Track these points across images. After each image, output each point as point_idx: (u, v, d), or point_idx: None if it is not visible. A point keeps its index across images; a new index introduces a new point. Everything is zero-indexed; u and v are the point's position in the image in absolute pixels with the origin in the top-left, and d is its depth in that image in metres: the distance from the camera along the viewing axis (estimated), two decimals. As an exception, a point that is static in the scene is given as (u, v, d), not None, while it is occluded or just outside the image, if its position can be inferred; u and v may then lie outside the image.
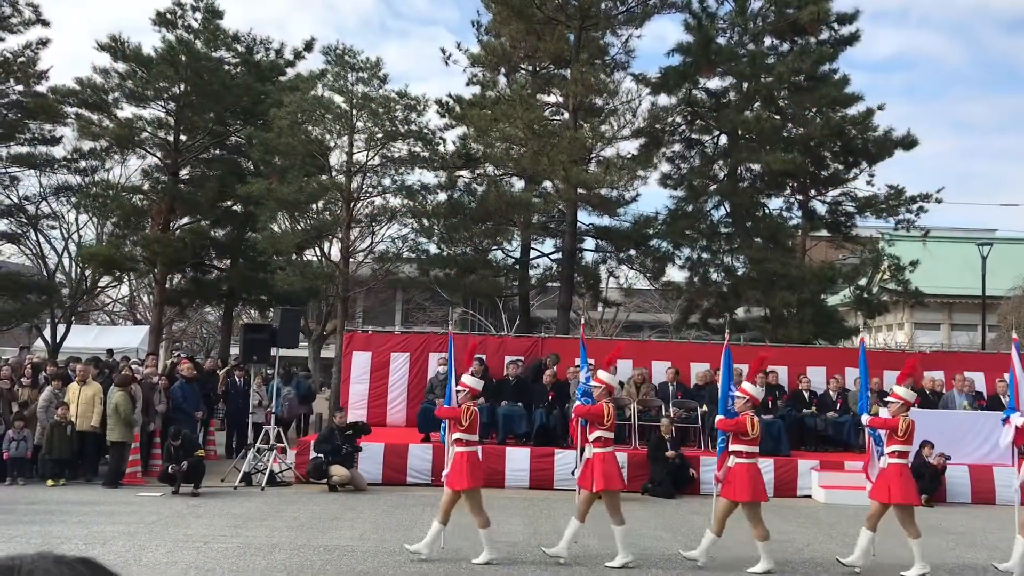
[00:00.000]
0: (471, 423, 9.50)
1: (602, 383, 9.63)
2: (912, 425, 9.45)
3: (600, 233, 24.49)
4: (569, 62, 22.82)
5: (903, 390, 9.69)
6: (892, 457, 9.35)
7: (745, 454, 9.25)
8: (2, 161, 25.64)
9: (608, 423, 9.43)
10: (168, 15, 24.80)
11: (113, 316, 40.97)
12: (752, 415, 9.44)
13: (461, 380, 9.87)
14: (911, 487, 9.34)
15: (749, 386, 9.63)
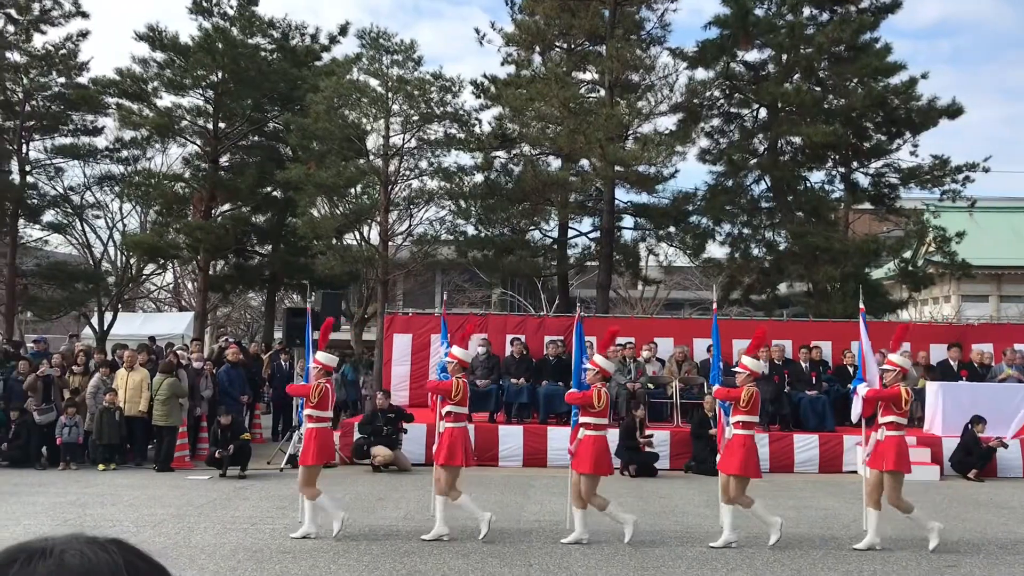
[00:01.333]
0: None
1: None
2: (756, 395, 9.31)
3: (639, 211, 24.32)
4: (604, 38, 22.60)
5: (751, 360, 9.53)
6: (737, 428, 9.27)
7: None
8: (47, 152, 26.10)
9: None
10: (204, 3, 24.98)
11: (158, 303, 41.63)
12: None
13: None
14: (751, 459, 9.20)
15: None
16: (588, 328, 17.42)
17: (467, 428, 9.82)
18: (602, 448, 9.36)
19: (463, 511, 9.41)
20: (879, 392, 9.48)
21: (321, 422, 9.61)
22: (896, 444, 9.09)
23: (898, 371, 9.40)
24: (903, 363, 9.49)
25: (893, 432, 9.14)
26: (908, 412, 9.41)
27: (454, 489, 9.39)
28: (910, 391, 9.37)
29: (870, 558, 8.74)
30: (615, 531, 9.45)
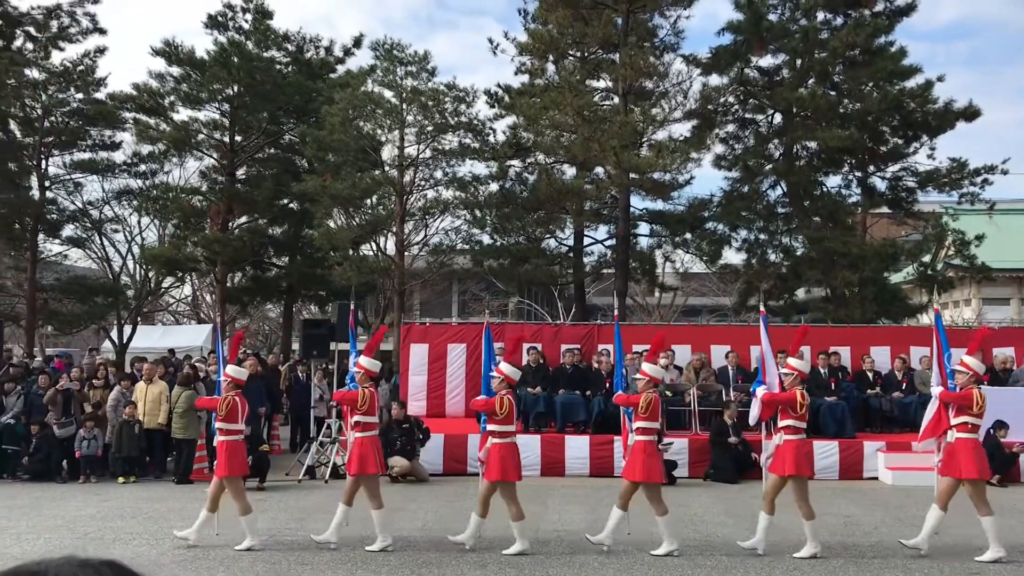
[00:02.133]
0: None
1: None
2: (655, 401, 9.25)
3: (654, 217, 24.28)
4: (618, 46, 22.61)
5: (651, 367, 9.49)
6: (638, 434, 9.25)
7: (969, 427, 8.92)
8: (65, 168, 26.35)
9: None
10: (219, 18, 25.20)
11: (177, 316, 41.87)
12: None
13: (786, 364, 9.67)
14: (653, 464, 9.13)
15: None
16: (607, 336, 17.41)
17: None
18: (509, 454, 9.31)
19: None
20: (775, 395, 9.46)
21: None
22: (795, 448, 9.05)
23: (795, 375, 9.38)
24: (800, 366, 9.48)
25: (791, 436, 9.11)
26: (806, 416, 9.36)
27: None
28: (806, 394, 9.33)
29: (891, 566, 8.66)
30: (635, 540, 9.39)
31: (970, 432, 8.92)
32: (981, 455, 8.93)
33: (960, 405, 8.99)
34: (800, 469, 9.02)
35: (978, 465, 8.78)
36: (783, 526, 9.40)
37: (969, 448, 8.83)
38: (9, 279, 28.49)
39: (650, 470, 9.08)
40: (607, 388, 15.37)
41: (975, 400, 8.88)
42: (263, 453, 13.73)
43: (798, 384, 9.28)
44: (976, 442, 8.97)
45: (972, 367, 9.13)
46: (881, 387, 16.16)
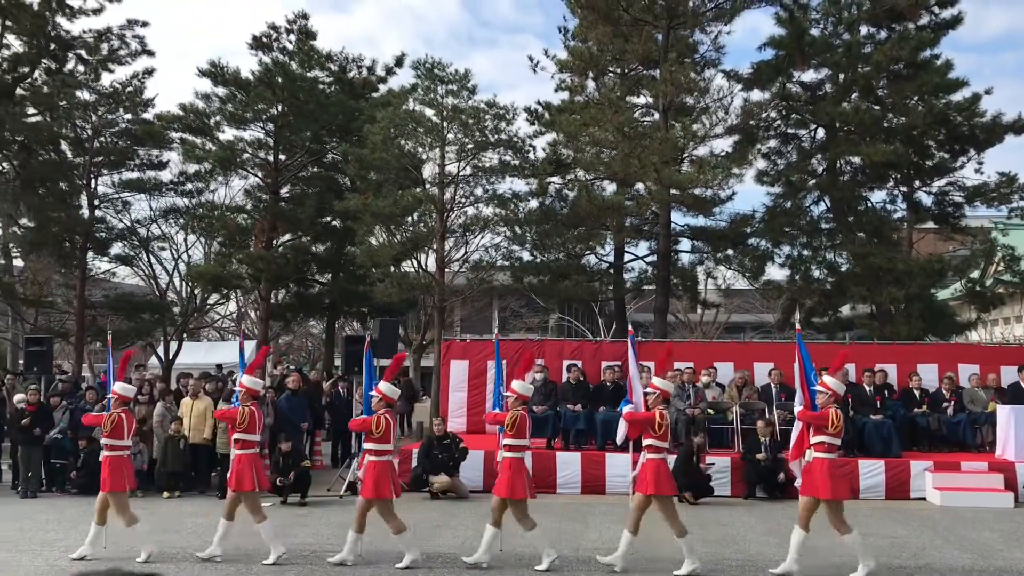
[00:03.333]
0: None
1: (828, 388, 9.24)
2: (521, 418, 9.37)
3: (696, 234, 24.14)
4: (658, 62, 22.58)
5: (519, 384, 9.67)
6: (506, 451, 9.42)
7: (827, 446, 8.90)
8: (114, 187, 26.85)
9: (660, 431, 9.24)
10: (264, 39, 25.61)
11: (222, 332, 42.43)
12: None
13: (651, 382, 9.76)
14: (518, 480, 9.22)
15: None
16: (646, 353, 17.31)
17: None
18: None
19: (535, 541, 9.33)
20: (634, 415, 9.63)
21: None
22: (655, 467, 9.11)
23: (657, 394, 9.44)
24: (664, 386, 9.58)
25: (652, 455, 9.18)
26: (667, 435, 9.42)
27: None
28: (665, 414, 9.40)
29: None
30: (673, 558, 9.30)
31: (827, 452, 8.91)
32: (836, 474, 8.91)
33: (817, 425, 9.00)
34: (660, 488, 9.06)
35: (833, 484, 8.76)
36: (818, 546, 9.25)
37: (825, 468, 8.82)
38: (59, 296, 29.09)
39: (515, 487, 9.17)
40: (648, 405, 15.26)
41: (831, 420, 8.89)
42: (305, 469, 13.85)
43: (661, 403, 9.38)
44: (832, 462, 8.95)
45: (832, 387, 9.16)
46: (928, 405, 15.86)
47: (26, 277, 28.10)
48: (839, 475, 8.97)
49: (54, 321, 28.63)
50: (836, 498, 8.80)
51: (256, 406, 9.99)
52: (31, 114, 25.79)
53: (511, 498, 9.23)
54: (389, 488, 9.39)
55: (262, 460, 10.29)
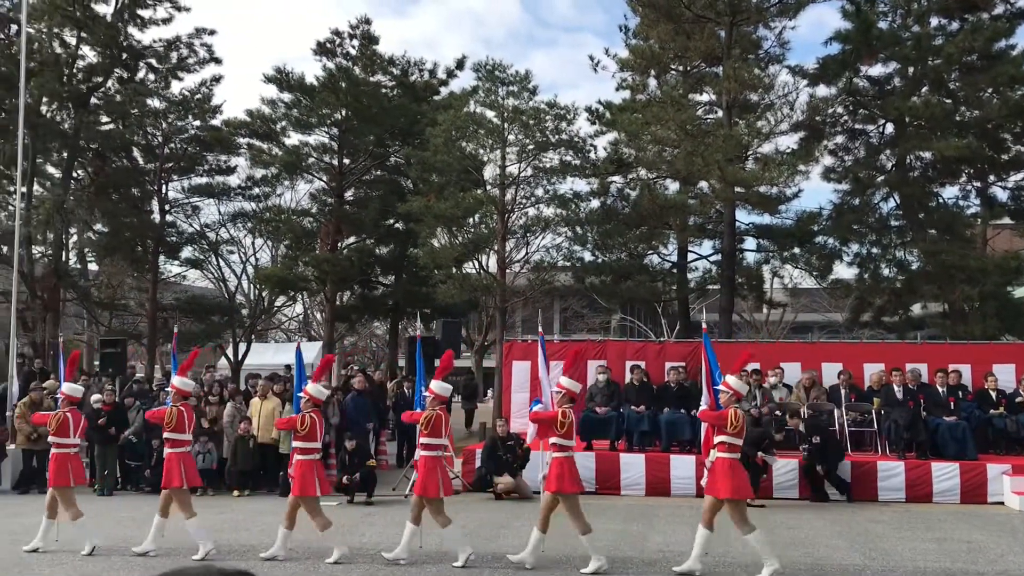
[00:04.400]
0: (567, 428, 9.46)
1: (730, 388, 9.23)
2: (436, 418, 9.54)
3: (761, 232, 23.78)
4: (721, 59, 22.31)
5: (437, 384, 9.80)
6: (423, 450, 9.63)
7: (728, 446, 8.94)
8: (184, 192, 27.57)
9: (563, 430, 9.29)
10: (328, 44, 26.02)
11: (289, 333, 43.17)
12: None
13: (558, 382, 9.95)
14: (431, 479, 9.41)
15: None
16: (724, 354, 17.10)
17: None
18: (568, 468, 9.34)
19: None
20: (538, 414, 9.93)
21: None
22: (559, 465, 9.23)
23: (564, 393, 9.59)
24: (571, 386, 9.69)
25: (557, 453, 9.31)
26: (571, 433, 9.48)
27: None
28: (568, 412, 9.44)
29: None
30: (742, 562, 9.16)
31: (728, 452, 8.96)
32: (738, 474, 8.95)
33: (717, 424, 9.12)
34: (561, 486, 9.14)
35: (734, 484, 8.82)
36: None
37: (726, 467, 8.88)
38: (132, 299, 29.93)
39: (427, 485, 9.39)
40: (713, 406, 15.08)
41: (730, 420, 8.95)
42: (371, 468, 13.99)
43: (567, 403, 9.46)
44: (734, 461, 8.97)
45: (733, 387, 9.22)
46: (1006, 407, 15.35)
47: (101, 281, 28.98)
48: (740, 475, 9.01)
49: (127, 323, 29.45)
50: (736, 497, 8.85)
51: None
52: (105, 122, 26.62)
53: (424, 496, 9.42)
54: (315, 485, 9.63)
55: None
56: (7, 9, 25.51)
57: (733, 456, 8.95)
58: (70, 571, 9.25)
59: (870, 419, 15.20)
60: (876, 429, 15.08)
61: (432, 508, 9.45)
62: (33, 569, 9.33)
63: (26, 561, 9.71)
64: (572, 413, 9.52)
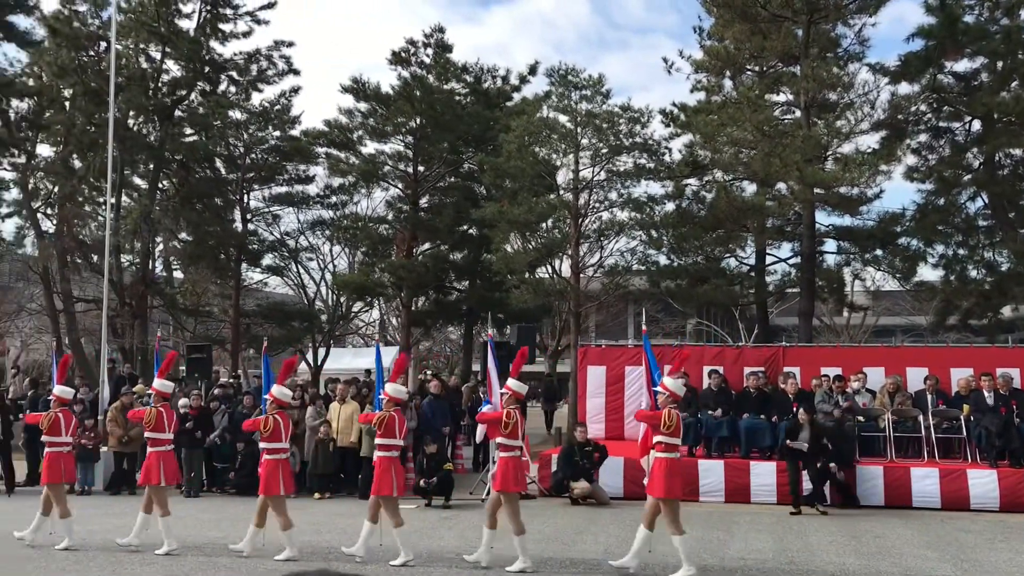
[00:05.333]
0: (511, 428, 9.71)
1: (667, 389, 9.47)
2: (390, 419, 9.92)
3: (841, 234, 23.26)
4: (798, 58, 21.92)
5: (392, 387, 10.24)
6: (379, 450, 10.00)
7: (665, 446, 9.19)
8: (264, 201, 28.25)
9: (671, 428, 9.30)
10: (402, 54, 26.38)
11: (366, 339, 43.77)
12: (670, 408, 9.33)
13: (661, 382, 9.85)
14: (384, 479, 9.68)
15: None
16: (793, 358, 16.80)
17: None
18: (676, 470, 9.39)
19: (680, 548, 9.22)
20: (484, 415, 10.36)
21: (670, 451, 9.49)
22: (503, 464, 9.55)
23: (509, 395, 9.87)
24: (517, 388, 9.95)
25: (503, 453, 9.62)
26: (516, 433, 9.73)
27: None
28: (513, 413, 9.71)
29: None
30: (825, 569, 8.97)
31: (665, 451, 9.17)
32: (673, 474, 9.10)
33: (653, 424, 9.40)
34: (505, 485, 9.37)
35: (668, 484, 9.00)
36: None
37: (662, 467, 9.09)
38: (215, 306, 30.75)
39: (381, 484, 9.69)
40: (794, 412, 14.80)
41: (663, 420, 9.16)
42: (448, 472, 14.10)
43: (670, 403, 9.44)
44: (670, 461, 9.15)
45: (670, 388, 9.43)
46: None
47: (186, 288, 29.84)
48: (675, 474, 9.15)
49: (211, 329, 30.25)
50: (669, 497, 9.01)
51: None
52: (188, 134, 27.46)
53: (379, 495, 9.74)
54: (279, 485, 10.03)
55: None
56: (97, 27, 26.53)
57: (670, 456, 9.18)
58: (160, 570, 9.54)
59: (958, 425, 14.72)
60: (966, 436, 14.60)
61: (387, 507, 9.73)
62: (125, 567, 9.65)
63: (119, 558, 10.04)
64: (517, 414, 9.82)
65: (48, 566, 9.71)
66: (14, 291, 34.61)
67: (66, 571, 9.51)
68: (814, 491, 13.14)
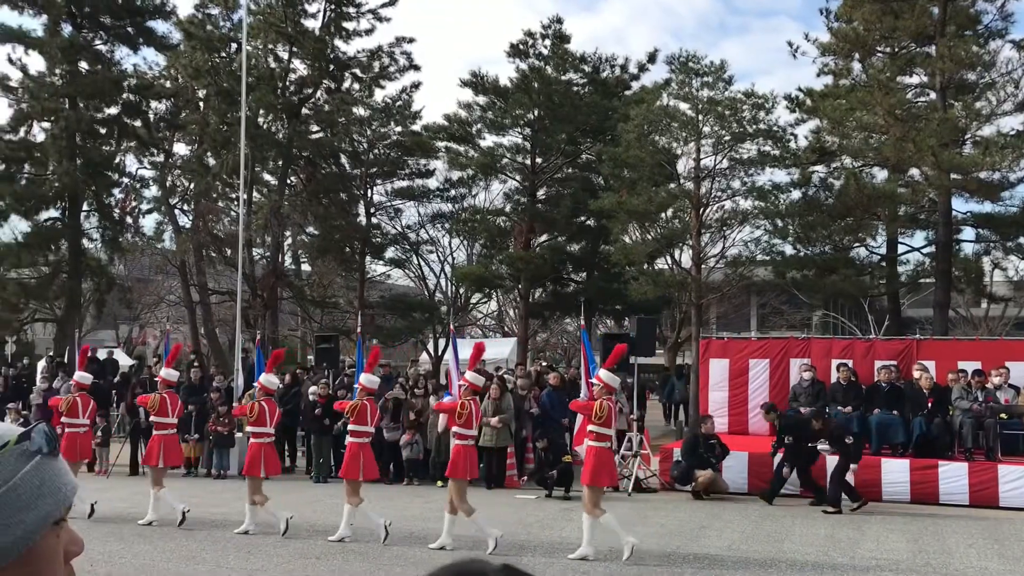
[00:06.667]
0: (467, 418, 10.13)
1: (601, 381, 9.92)
2: (362, 407, 10.54)
3: (981, 221, 22.09)
4: (933, 38, 20.90)
5: (364, 378, 11.02)
6: (351, 436, 10.71)
7: (596, 435, 9.59)
8: (387, 195, 28.88)
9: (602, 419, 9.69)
10: (520, 46, 26.46)
11: (484, 330, 44.24)
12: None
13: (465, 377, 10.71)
14: (353, 464, 10.38)
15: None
16: (927, 351, 16.06)
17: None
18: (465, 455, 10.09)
19: None
20: (442, 405, 11.50)
21: (601, 440, 9.80)
22: (456, 452, 10.11)
23: (467, 386, 10.46)
24: (474, 379, 10.60)
25: (458, 441, 10.15)
26: (470, 423, 10.14)
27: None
28: (468, 404, 10.15)
29: None
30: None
31: (596, 440, 9.59)
32: (602, 462, 9.50)
33: (585, 414, 10.02)
34: (595, 479, 9.51)
35: (594, 471, 9.42)
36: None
37: (591, 455, 9.57)
38: (341, 297, 31.68)
39: (349, 468, 10.44)
40: (928, 408, 14.16)
41: (595, 411, 9.61)
42: (567, 463, 14.10)
43: (604, 394, 9.80)
44: (599, 450, 9.54)
45: (604, 380, 9.89)
46: None
47: (313, 280, 30.83)
48: (604, 463, 9.53)
49: (337, 320, 31.16)
50: (594, 484, 9.45)
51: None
52: (315, 131, 28.33)
53: (346, 478, 10.52)
54: (260, 467, 10.83)
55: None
56: (228, 29, 27.67)
57: (601, 445, 9.62)
58: (292, 550, 9.89)
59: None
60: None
61: (350, 487, 10.41)
62: (260, 548, 10.05)
63: (255, 542, 10.46)
64: (473, 405, 10.27)
65: (162, 546, 10.21)
66: (154, 284, 36.55)
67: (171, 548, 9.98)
68: (833, 492, 12.58)
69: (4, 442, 1.15)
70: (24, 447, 1.16)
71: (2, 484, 1.12)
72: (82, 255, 26.82)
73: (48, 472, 1.17)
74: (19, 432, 1.17)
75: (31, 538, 1.13)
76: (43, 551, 1.15)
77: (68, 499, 1.19)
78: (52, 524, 1.16)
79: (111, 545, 9.93)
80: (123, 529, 11.04)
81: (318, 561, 9.41)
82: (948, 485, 13.20)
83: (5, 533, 1.11)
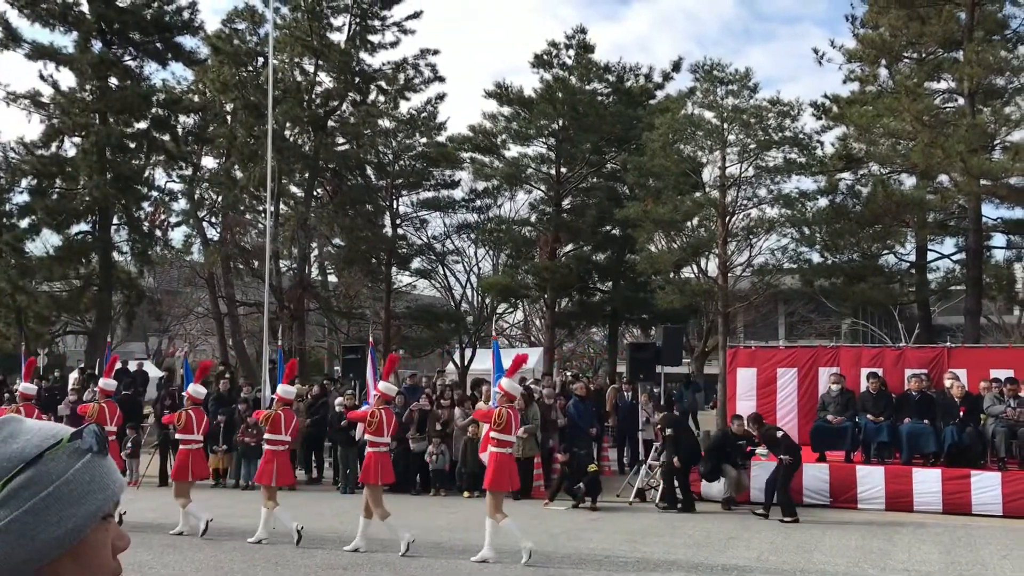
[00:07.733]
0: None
1: (502, 389, 10.19)
2: (275, 417, 11.14)
3: (1012, 227, 21.84)
4: (961, 43, 20.71)
5: (283, 390, 11.78)
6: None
7: (497, 442, 9.94)
8: (412, 206, 29.03)
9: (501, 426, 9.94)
10: (545, 56, 26.53)
11: (511, 339, 44.23)
12: (505, 407, 9.96)
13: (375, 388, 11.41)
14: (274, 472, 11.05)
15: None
16: (959, 359, 15.85)
17: (386, 453, 11.03)
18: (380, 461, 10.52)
19: None
20: (354, 414, 12.48)
21: (503, 446, 10.07)
22: (368, 458, 10.62)
23: (380, 396, 10.96)
24: (387, 390, 11.05)
25: (371, 448, 10.59)
26: (381, 430, 10.59)
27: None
28: (378, 412, 10.59)
29: None
30: None
31: (497, 447, 9.98)
32: (503, 469, 9.86)
33: (486, 422, 10.37)
34: (494, 484, 9.83)
35: (495, 477, 9.83)
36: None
37: (492, 460, 9.97)
38: (368, 308, 31.84)
39: (262, 472, 11.19)
40: (960, 417, 13.97)
41: (494, 418, 9.96)
42: (595, 474, 14.05)
43: (505, 403, 10.09)
44: (500, 456, 9.93)
45: (505, 388, 10.21)
46: None
47: (340, 291, 31.00)
48: (504, 469, 9.88)
49: (363, 331, 31.31)
50: (495, 489, 9.82)
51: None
52: (340, 143, 28.57)
53: (259, 482, 11.26)
54: (187, 472, 11.62)
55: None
56: (255, 44, 27.97)
57: (502, 451, 9.97)
58: (319, 561, 9.92)
59: None
60: None
61: (266, 491, 10.98)
62: (288, 559, 10.10)
63: (282, 553, 10.52)
64: (383, 413, 10.62)
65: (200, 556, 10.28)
66: (182, 296, 36.94)
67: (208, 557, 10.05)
68: (780, 499, 12.57)
69: (58, 440, 1.22)
70: (76, 445, 1.22)
71: (56, 479, 1.19)
72: (112, 268, 27.16)
73: (98, 470, 1.23)
74: (71, 432, 1.24)
75: (83, 531, 1.19)
76: (93, 544, 1.21)
77: (116, 495, 1.25)
78: (101, 519, 1.22)
79: (140, 555, 10.01)
80: (152, 539, 11.13)
81: (344, 572, 9.43)
82: (981, 495, 13.00)
83: (58, 525, 1.17)
